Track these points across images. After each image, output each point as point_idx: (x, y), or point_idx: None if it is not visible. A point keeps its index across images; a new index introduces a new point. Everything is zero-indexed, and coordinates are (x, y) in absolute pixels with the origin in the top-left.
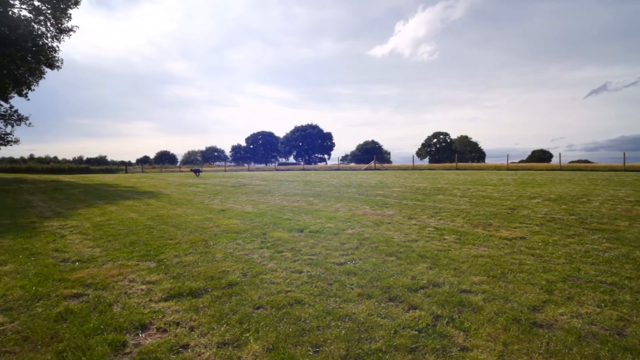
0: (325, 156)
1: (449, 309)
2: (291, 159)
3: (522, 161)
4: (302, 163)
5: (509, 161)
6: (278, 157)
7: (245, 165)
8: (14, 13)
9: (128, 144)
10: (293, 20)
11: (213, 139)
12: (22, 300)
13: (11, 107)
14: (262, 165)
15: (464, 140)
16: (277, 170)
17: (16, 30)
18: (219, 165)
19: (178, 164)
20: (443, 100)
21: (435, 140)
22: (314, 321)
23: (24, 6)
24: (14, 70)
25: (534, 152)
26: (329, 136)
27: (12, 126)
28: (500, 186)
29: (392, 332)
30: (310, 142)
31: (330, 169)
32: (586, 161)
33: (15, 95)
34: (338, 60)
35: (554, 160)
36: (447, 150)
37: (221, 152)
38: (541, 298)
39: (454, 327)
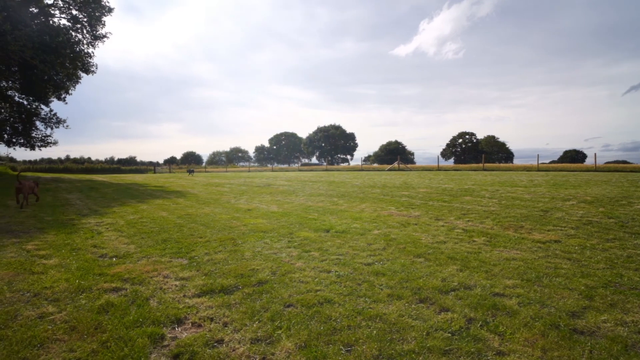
0: (348, 157)
1: (482, 312)
2: (314, 160)
3: (553, 162)
4: (325, 163)
5: (539, 162)
6: (301, 158)
7: (269, 165)
8: (54, 22)
9: (156, 144)
10: (315, 21)
11: (237, 139)
12: (67, 292)
13: (51, 110)
14: (285, 166)
15: (491, 140)
16: (301, 170)
17: (56, 38)
18: (243, 166)
19: (204, 164)
20: (469, 100)
21: (460, 140)
22: (344, 320)
23: (63, 15)
24: (53, 75)
25: (566, 153)
26: (351, 136)
27: (52, 129)
28: (530, 187)
29: (424, 333)
30: (333, 143)
31: (354, 169)
32: (624, 162)
33: (55, 99)
34: (360, 61)
35: (589, 161)
36: (473, 151)
37: (245, 152)
38: (581, 304)
39: (489, 331)
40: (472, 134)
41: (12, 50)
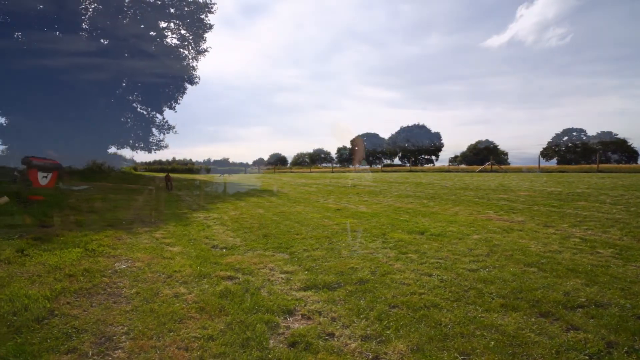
0: (433, 157)
1: (625, 336)
2: (396, 160)
3: None
4: (408, 164)
5: None
6: (383, 159)
7: (351, 167)
8: (167, 42)
9: (245, 147)
10: (399, 19)
11: (319, 141)
12: (192, 277)
13: (163, 118)
14: (367, 167)
15: (607, 137)
16: (384, 171)
17: (169, 55)
18: (326, 167)
19: (289, 164)
20: (577, 91)
21: (565, 137)
22: (456, 327)
23: (174, 35)
24: (165, 87)
25: None
26: (437, 136)
27: (164, 134)
28: None
29: (553, 352)
30: (417, 143)
31: (440, 170)
32: None
33: (166, 108)
34: (447, 56)
35: None
36: (582, 150)
37: (327, 153)
38: None
39: None
40: (580, 130)
41: (138, 68)
